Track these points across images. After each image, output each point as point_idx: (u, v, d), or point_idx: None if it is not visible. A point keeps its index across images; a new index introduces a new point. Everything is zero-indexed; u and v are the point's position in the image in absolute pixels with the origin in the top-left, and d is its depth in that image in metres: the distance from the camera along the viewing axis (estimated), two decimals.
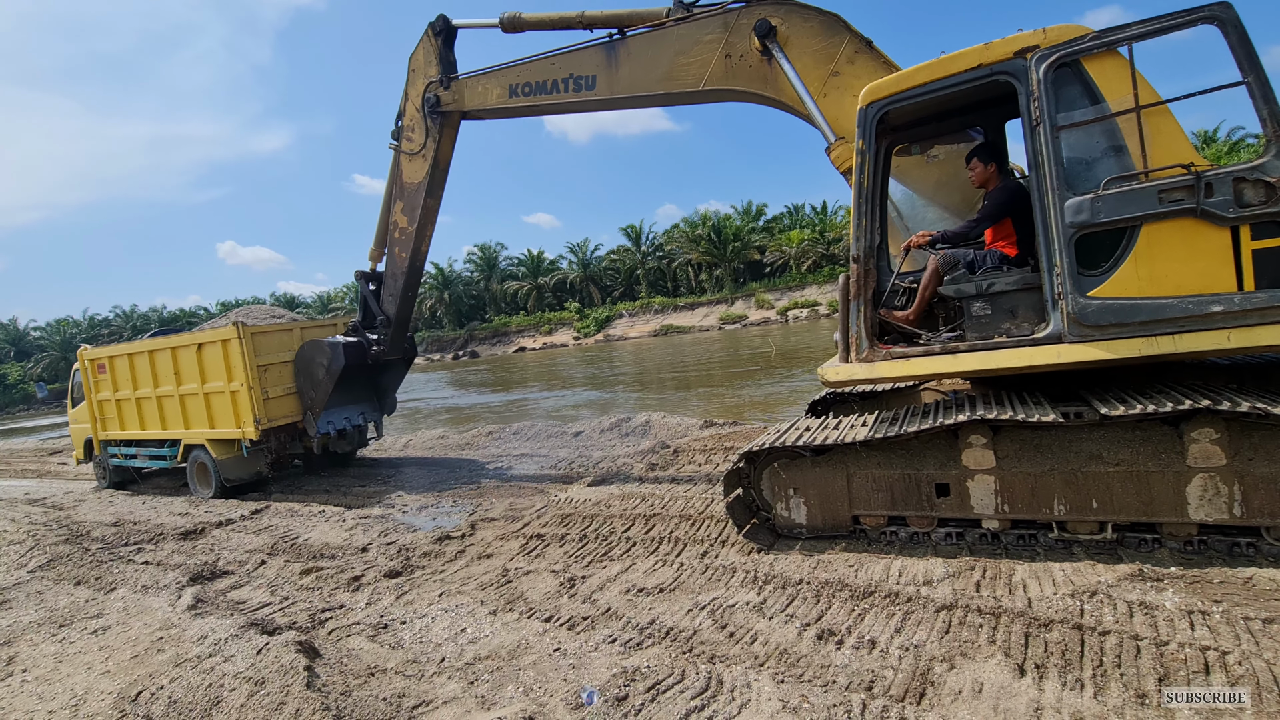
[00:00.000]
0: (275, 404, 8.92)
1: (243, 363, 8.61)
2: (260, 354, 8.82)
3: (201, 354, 9.06)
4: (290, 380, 9.15)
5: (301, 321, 9.79)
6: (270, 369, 8.92)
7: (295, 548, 6.28)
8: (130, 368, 9.94)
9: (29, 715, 3.52)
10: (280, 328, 9.28)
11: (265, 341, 8.95)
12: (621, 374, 27.04)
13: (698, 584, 4.33)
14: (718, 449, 8.09)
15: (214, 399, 9.06)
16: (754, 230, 59.99)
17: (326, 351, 8.61)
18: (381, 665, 3.66)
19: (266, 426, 8.77)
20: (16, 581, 5.79)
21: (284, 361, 9.06)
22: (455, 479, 8.67)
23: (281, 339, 9.17)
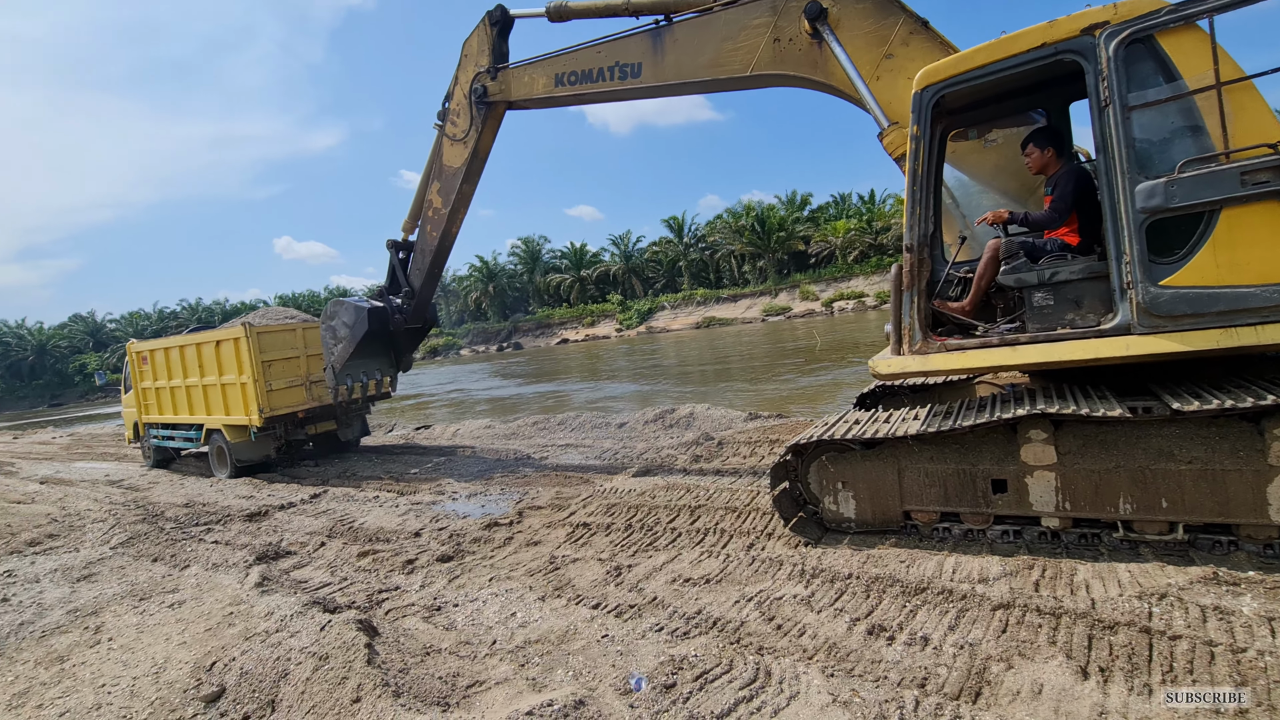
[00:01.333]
0: (279, 395, 10.00)
1: (250, 358, 9.69)
2: (265, 351, 9.86)
3: (219, 350, 10.18)
4: (293, 373, 10.25)
5: (305, 322, 10.86)
6: (274, 364, 9.98)
7: (352, 531, 6.53)
8: (166, 360, 11.19)
9: (116, 680, 3.78)
10: (284, 328, 10.33)
11: (270, 340, 9.98)
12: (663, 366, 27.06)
13: (744, 575, 4.32)
14: (762, 441, 8.03)
15: (228, 389, 10.16)
16: (798, 220, 58.99)
17: (352, 312, 8.97)
18: (436, 645, 3.78)
19: (270, 415, 9.87)
20: (101, 557, 6.20)
21: (287, 358, 10.16)
22: (502, 467, 8.86)
23: (285, 338, 10.21)
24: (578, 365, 35.15)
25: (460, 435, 11.90)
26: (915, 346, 4.46)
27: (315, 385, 10.48)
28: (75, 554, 6.50)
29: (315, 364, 10.51)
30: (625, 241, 69.04)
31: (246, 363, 9.73)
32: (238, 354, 9.86)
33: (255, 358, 9.71)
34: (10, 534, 7.59)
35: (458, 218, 8.43)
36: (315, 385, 10.48)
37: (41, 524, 7.99)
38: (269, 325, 10.23)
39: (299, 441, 10.99)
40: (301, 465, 10.77)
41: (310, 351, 10.52)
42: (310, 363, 10.51)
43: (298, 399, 10.24)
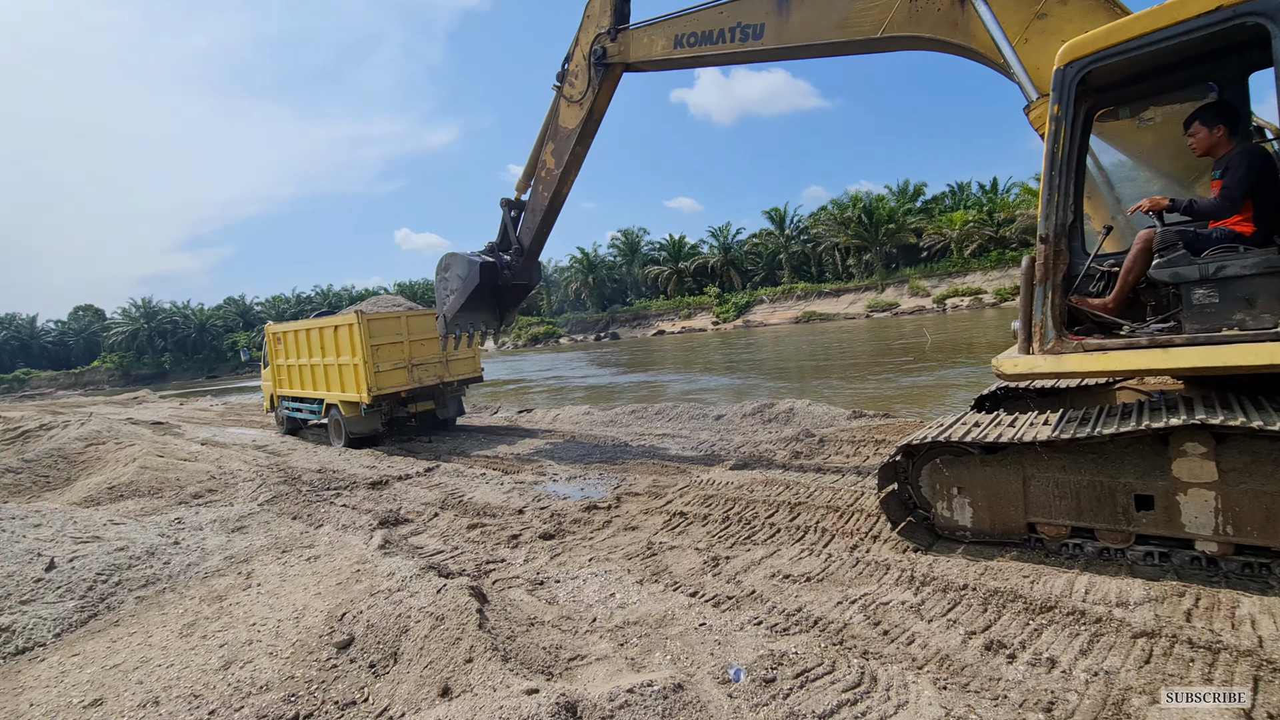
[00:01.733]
0: (385, 376, 10.86)
1: (361, 342, 10.63)
2: (374, 336, 10.77)
3: (336, 334, 11.28)
4: (398, 357, 11.08)
5: (410, 310, 11.75)
6: (382, 348, 10.85)
7: (462, 504, 6.93)
8: (295, 341, 12.58)
9: (264, 620, 4.24)
10: (391, 315, 11.24)
11: (379, 326, 10.89)
12: (759, 360, 26.59)
13: (847, 577, 4.19)
14: (867, 441, 7.71)
15: (344, 369, 11.19)
16: (910, 212, 55.84)
17: (464, 265, 9.34)
18: (540, 618, 3.95)
19: (377, 393, 10.76)
20: (250, 512, 6.96)
21: (393, 342, 11.03)
22: (600, 453, 9.07)
23: (392, 325, 11.10)
24: (672, 357, 35.27)
25: (560, 420, 12.30)
26: (1047, 346, 4.11)
27: (417, 368, 11.31)
28: (230, 508, 7.33)
29: (417, 349, 11.34)
30: (724, 233, 68.35)
31: (358, 346, 10.70)
32: (351, 338, 10.88)
33: (365, 342, 10.64)
34: (179, 486, 8.69)
35: (569, 179, 8.51)
36: (417, 368, 11.31)
37: (203, 480, 9.08)
38: (378, 313, 11.17)
39: (402, 419, 12.00)
40: (416, 440, 11.56)
41: (413, 337, 11.32)
42: (413, 347, 11.30)
43: (401, 380, 11.10)
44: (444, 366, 11.74)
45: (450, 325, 9.77)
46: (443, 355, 11.67)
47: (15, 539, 5.15)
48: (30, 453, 11.31)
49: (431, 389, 11.55)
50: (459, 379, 11.94)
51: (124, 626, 4.38)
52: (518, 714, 2.63)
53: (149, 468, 9.43)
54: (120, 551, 5.29)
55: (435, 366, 11.58)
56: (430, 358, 11.52)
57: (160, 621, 4.39)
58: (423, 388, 11.40)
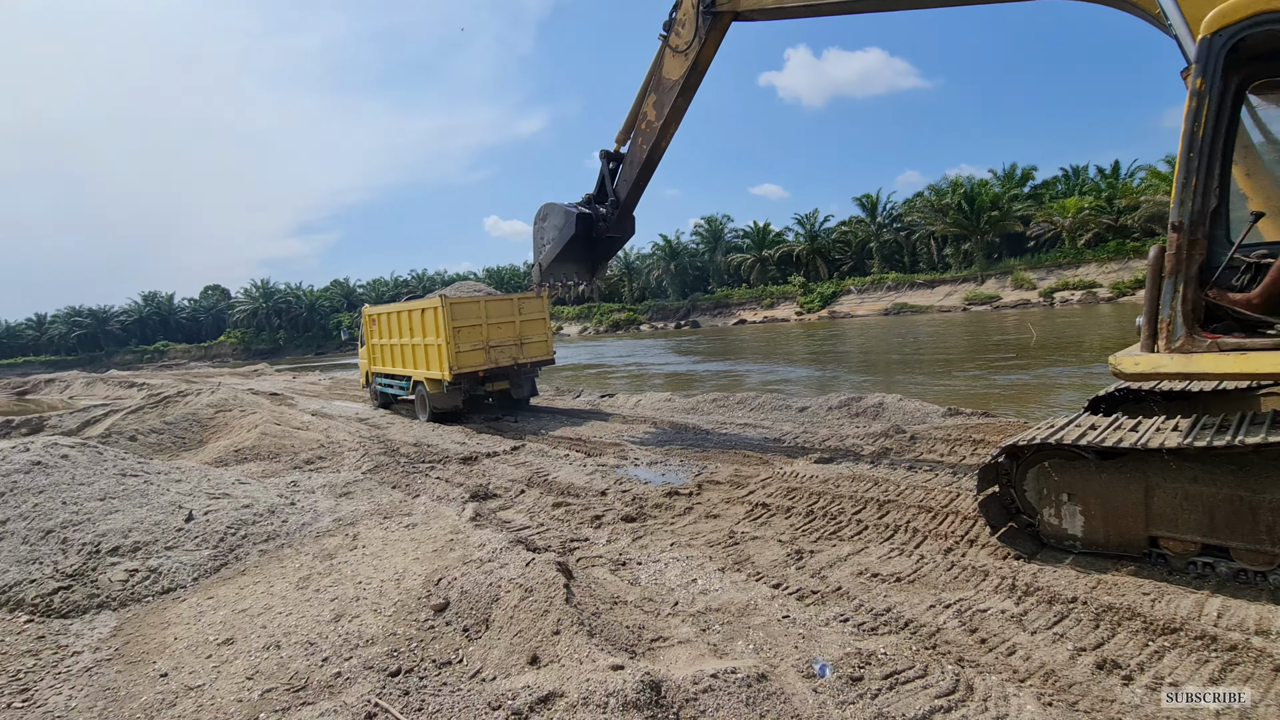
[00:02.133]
0: (465, 356, 11.58)
1: (445, 324, 11.37)
2: (456, 319, 11.51)
3: (423, 316, 12.09)
4: (477, 339, 11.76)
5: (489, 296, 12.66)
6: (462, 330, 11.57)
7: (547, 483, 7.16)
8: (387, 322, 13.58)
9: (368, 580, 4.56)
10: (471, 300, 12.05)
11: (460, 310, 11.64)
12: (844, 352, 25.73)
13: (941, 580, 4.01)
14: (963, 440, 7.32)
15: (429, 349, 11.96)
16: (1016, 198, 52.04)
17: (561, 215, 9.46)
18: (622, 597, 4.04)
19: (457, 372, 11.49)
20: (355, 479, 7.49)
21: (473, 325, 11.73)
22: (681, 440, 9.10)
23: (472, 309, 11.84)
24: (753, 347, 34.73)
25: (641, 406, 12.42)
26: (1175, 344, 3.75)
27: (493, 350, 11.99)
28: (337, 474, 7.91)
29: (495, 331, 12.02)
30: (811, 221, 66.25)
31: (442, 328, 11.44)
32: (436, 320, 11.63)
33: (448, 324, 11.39)
34: (294, 453, 9.47)
35: (668, 132, 8.38)
36: (493, 350, 11.99)
37: (313, 448, 9.85)
38: (460, 298, 12.01)
39: (480, 397, 12.90)
40: (503, 420, 12.01)
41: (491, 321, 11.98)
42: (490, 330, 11.96)
43: (479, 360, 11.79)
44: (518, 349, 12.31)
45: (544, 274, 9.92)
46: (517, 337, 12.30)
47: (161, 491, 5.79)
48: (170, 416, 12.66)
49: (506, 370, 12.24)
50: (532, 361, 12.58)
51: (249, 576, 4.84)
52: (604, 688, 2.70)
53: (268, 434, 10.33)
54: (246, 509, 5.84)
55: (510, 349, 12.20)
56: (506, 340, 12.13)
57: (280, 573, 4.82)
58: (499, 368, 12.06)
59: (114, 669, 3.61)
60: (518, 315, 12.38)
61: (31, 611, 4.33)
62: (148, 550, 4.99)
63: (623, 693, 2.67)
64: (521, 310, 12.47)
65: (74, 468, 5.67)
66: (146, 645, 3.87)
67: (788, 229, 70.50)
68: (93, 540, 4.95)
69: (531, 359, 12.55)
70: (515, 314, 12.37)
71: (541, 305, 12.90)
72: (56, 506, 5.18)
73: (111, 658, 3.74)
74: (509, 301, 12.46)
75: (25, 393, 36.83)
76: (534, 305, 12.72)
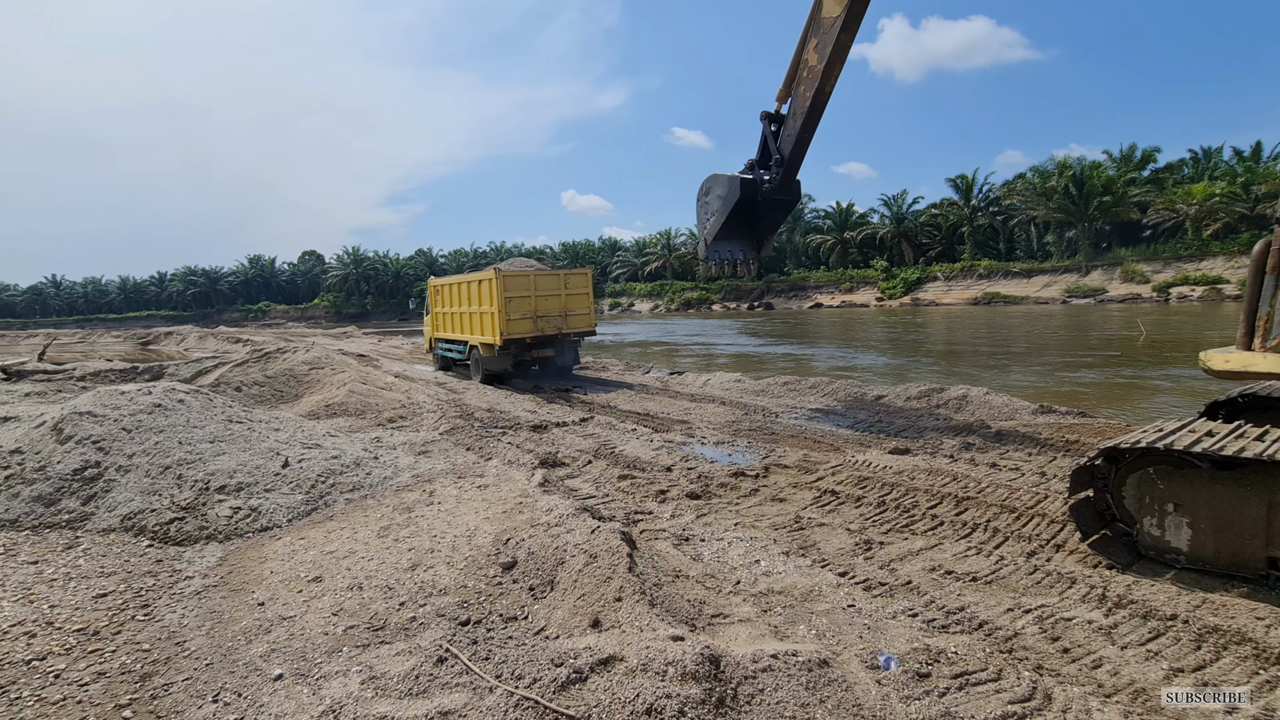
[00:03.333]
0: (514, 324, 12.74)
1: (497, 294, 12.54)
2: (507, 290, 12.64)
3: (479, 287, 13.32)
4: (525, 309, 12.84)
5: (538, 270, 13.68)
6: (513, 300, 12.71)
7: (613, 455, 7.27)
8: (449, 293, 15.00)
9: (442, 535, 4.81)
10: (521, 273, 13.18)
11: (511, 282, 12.76)
12: (925, 342, 24.59)
13: (1021, 583, 3.82)
14: (1055, 441, 6.88)
15: (484, 316, 13.20)
16: (1133, 182, 47.72)
17: (724, 183, 9.34)
18: (684, 572, 4.07)
19: (507, 337, 12.65)
20: (432, 439, 7.87)
21: (522, 296, 12.84)
22: (750, 422, 9.00)
23: (522, 281, 12.94)
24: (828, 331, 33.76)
25: (710, 386, 12.35)
26: (1271, 342, 3.36)
27: (540, 319, 13.07)
28: (416, 434, 8.33)
29: (542, 303, 13.12)
30: (899, 202, 63.20)
31: (495, 297, 12.60)
32: (490, 290, 12.77)
33: (500, 294, 12.55)
34: (378, 411, 10.03)
35: (833, 74, 8.01)
36: (540, 319, 13.07)
37: (395, 408, 10.39)
38: (512, 271, 13.26)
39: (527, 361, 13.92)
40: (573, 393, 12.25)
41: (538, 293, 13.09)
42: (538, 301, 13.07)
43: (527, 328, 12.92)
44: (563, 320, 13.39)
45: (710, 250, 9.73)
46: (563, 310, 13.37)
47: (262, 438, 6.28)
48: (270, 370, 13.67)
49: (552, 338, 13.35)
50: (575, 331, 13.64)
51: (336, 521, 5.20)
52: (663, 656, 2.74)
53: (355, 392, 10.98)
54: (335, 459, 6.25)
55: (556, 319, 13.29)
56: (552, 312, 13.23)
57: (363, 521, 5.15)
58: (545, 336, 13.17)
59: (219, 595, 3.98)
60: (563, 289, 13.46)
61: (151, 537, 4.83)
62: (249, 490, 5.44)
63: (682, 663, 2.70)
64: (567, 285, 13.53)
65: (189, 411, 6.23)
66: (246, 576, 4.24)
67: (873, 210, 67.68)
68: (203, 478, 5.45)
69: (575, 330, 13.62)
70: (561, 288, 13.45)
71: (585, 281, 13.94)
72: (173, 445, 5.72)
73: (217, 585, 4.13)
74: (556, 277, 13.57)
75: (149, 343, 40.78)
76: (579, 281, 13.77)
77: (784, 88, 8.66)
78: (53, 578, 4.09)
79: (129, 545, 4.69)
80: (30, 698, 2.88)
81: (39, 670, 3.10)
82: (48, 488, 5.08)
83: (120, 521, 4.93)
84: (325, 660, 3.13)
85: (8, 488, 5.06)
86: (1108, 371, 14.45)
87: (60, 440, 5.46)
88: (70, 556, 4.43)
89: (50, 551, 4.50)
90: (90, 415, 5.70)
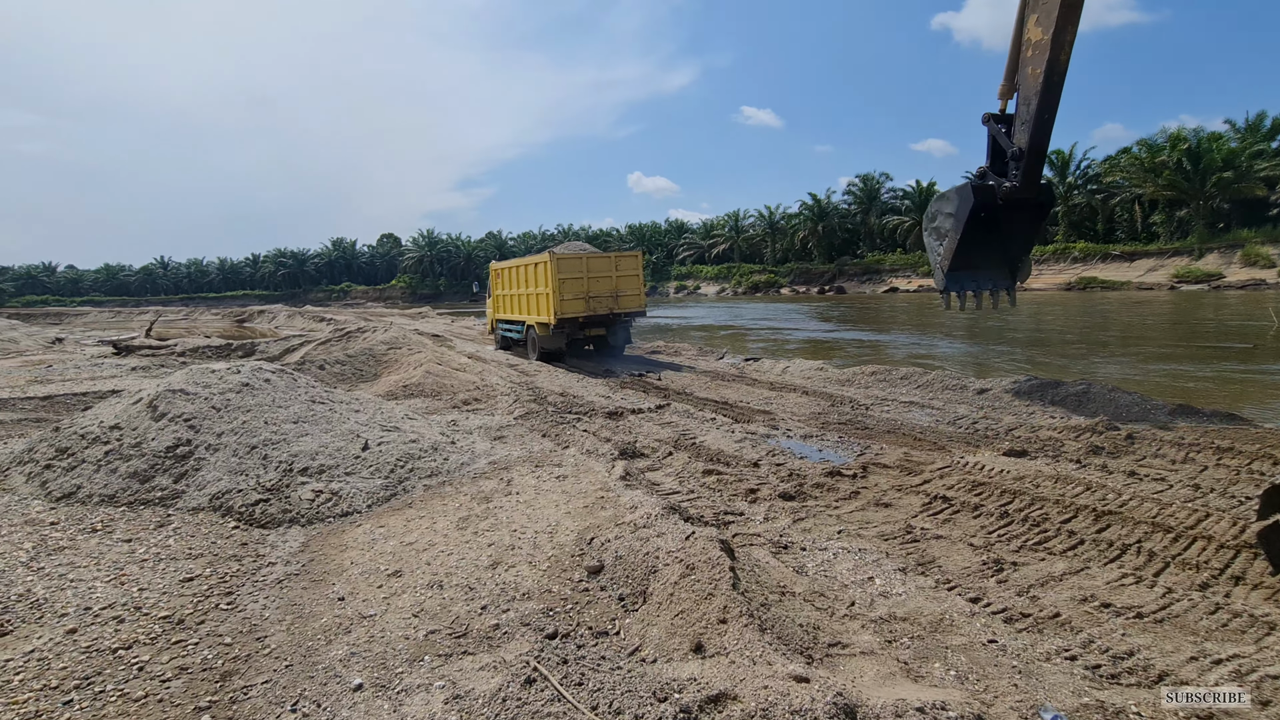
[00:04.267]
0: (567, 304, 13.34)
1: (551, 276, 13.14)
2: (561, 272, 13.21)
3: (535, 270, 14.01)
4: (578, 290, 13.39)
5: (590, 254, 14.08)
6: (566, 282, 13.29)
7: (695, 447, 6.87)
8: (508, 275, 15.75)
9: (522, 529, 4.55)
10: (575, 256, 13.71)
11: (565, 265, 13.33)
12: (1012, 329, 22.87)
13: (1201, 625, 3.18)
14: (1204, 446, 5.98)
15: (539, 297, 13.85)
16: (1260, 155, 42.82)
17: (953, 197, 8.05)
18: (789, 587, 3.63)
19: (560, 317, 13.25)
20: (508, 424, 7.69)
21: (575, 278, 13.40)
22: (838, 414, 8.40)
23: (575, 264, 13.50)
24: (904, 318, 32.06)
25: (790, 373, 11.73)
26: None
27: (592, 300, 13.60)
28: (492, 417, 8.18)
29: (594, 284, 13.62)
30: None
31: (549, 279, 13.20)
32: (546, 273, 13.37)
33: (554, 276, 13.13)
34: (453, 392, 10.00)
35: (1063, 41, 7.00)
36: (592, 300, 13.60)
37: (470, 389, 10.34)
38: (565, 254, 13.77)
39: (579, 341, 14.42)
40: (646, 377, 11.91)
41: (590, 275, 13.61)
42: (590, 283, 13.59)
43: (580, 309, 13.50)
44: (614, 300, 13.90)
45: (948, 280, 8.30)
46: (614, 290, 13.83)
47: (343, 419, 6.22)
48: (351, 350, 14.00)
49: (604, 318, 13.89)
50: (626, 312, 14.14)
51: (415, 509, 5.04)
52: (787, 702, 2.33)
53: (432, 373, 11.02)
54: (413, 443, 6.12)
55: (607, 300, 13.82)
56: (604, 293, 13.77)
57: (441, 510, 4.96)
58: (596, 316, 13.72)
59: (300, 585, 3.84)
60: (615, 271, 13.92)
61: (238, 519, 4.80)
62: (330, 474, 5.36)
63: (810, 712, 2.28)
64: (618, 267, 14.00)
65: (274, 391, 6.24)
66: (327, 565, 4.10)
67: None
68: (287, 459, 5.40)
69: (626, 310, 14.13)
70: (613, 270, 13.91)
71: (636, 263, 14.38)
72: (259, 425, 5.71)
73: (299, 573, 4.00)
74: (607, 258, 14.13)
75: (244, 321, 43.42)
76: (629, 262, 14.24)
77: (1005, 83, 7.66)
78: (144, 558, 4.08)
79: (216, 526, 4.66)
80: (113, 693, 2.77)
81: (124, 661, 3.00)
82: (143, 464, 5.14)
83: (209, 500, 4.93)
84: (406, 670, 2.89)
85: (107, 463, 5.16)
86: (1236, 365, 12.86)
87: (155, 417, 5.54)
88: (161, 535, 4.43)
89: (143, 529, 4.52)
90: (183, 393, 5.76)
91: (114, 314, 55.15)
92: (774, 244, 74.08)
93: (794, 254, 72.49)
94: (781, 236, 73.88)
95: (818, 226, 68.77)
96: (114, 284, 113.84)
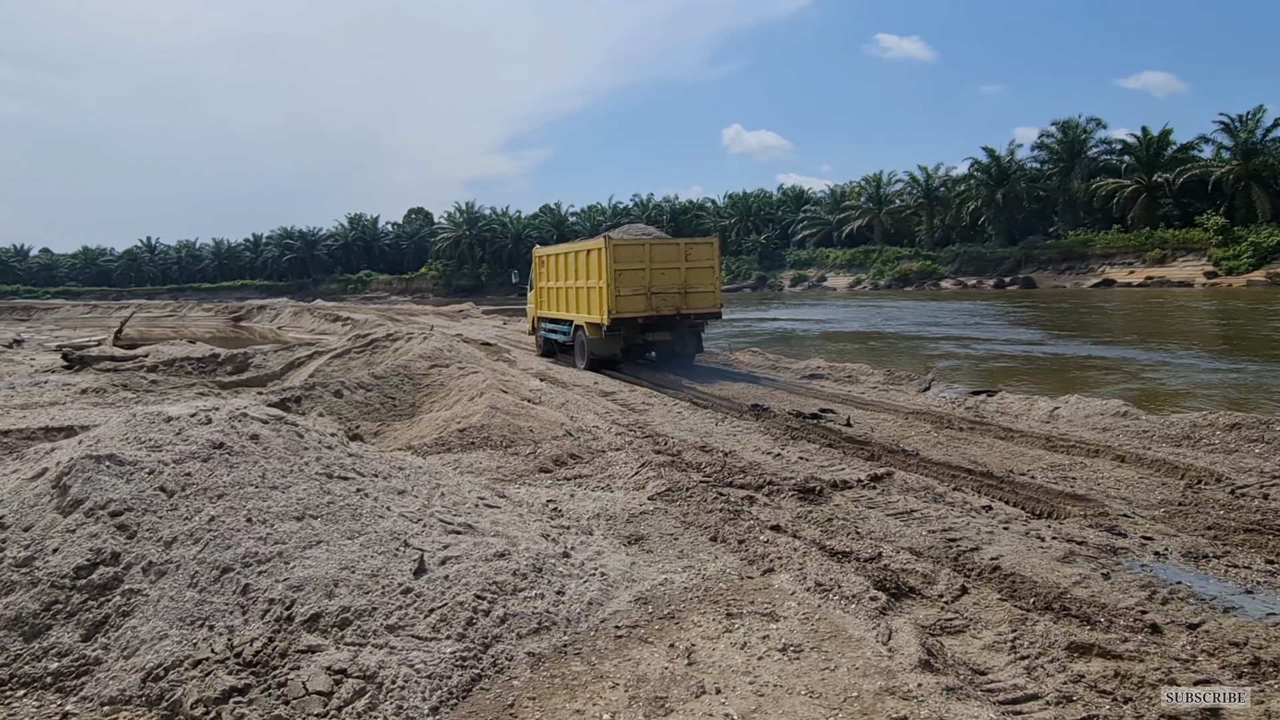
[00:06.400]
0: (625, 301, 13.64)
1: (607, 266, 13.43)
2: (618, 261, 13.54)
3: (588, 258, 14.32)
4: (639, 284, 13.79)
5: (656, 239, 14.56)
6: (624, 274, 13.64)
7: (995, 574, 4.87)
8: (554, 264, 15.97)
9: None
10: (636, 242, 14.14)
11: (624, 252, 13.72)
12: None
13: None
14: None
15: (591, 292, 14.16)
16: None
17: None
18: None
19: (616, 316, 13.53)
20: (642, 509, 5.90)
21: (635, 269, 13.80)
22: (1215, 503, 6.16)
23: (636, 252, 13.89)
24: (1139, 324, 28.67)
25: (1065, 420, 9.40)
26: None
27: (655, 296, 13.89)
28: (609, 494, 6.47)
29: (658, 277, 13.93)
30: (1249, 126, 53.71)
31: (604, 270, 13.47)
32: (599, 262, 13.66)
33: (610, 266, 13.40)
34: (534, 441, 8.38)
35: None
36: (655, 296, 13.89)
37: (558, 435, 8.72)
38: (624, 240, 14.22)
39: (639, 346, 14.78)
40: (824, 418, 9.93)
41: (654, 265, 13.92)
42: (653, 275, 13.88)
43: (640, 306, 13.80)
44: (682, 298, 14.09)
45: None
46: (682, 285, 14.08)
47: (379, 513, 4.61)
48: (378, 367, 12.83)
49: (669, 319, 14.16)
50: (696, 312, 14.34)
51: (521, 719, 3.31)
52: None
53: (498, 408, 9.48)
54: (500, 560, 4.43)
55: (674, 297, 14.02)
56: (670, 288, 13.99)
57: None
58: (660, 316, 13.99)
59: None
60: (683, 261, 14.18)
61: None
62: (360, 628, 3.72)
63: None
64: (688, 256, 14.22)
65: (266, 457, 4.71)
66: None
67: (1203, 139, 58.26)
68: (283, 594, 3.82)
69: (696, 309, 14.31)
70: (681, 260, 14.18)
71: (711, 252, 14.62)
72: (239, 524, 4.18)
73: None
74: (675, 246, 14.47)
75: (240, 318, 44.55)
76: (702, 251, 14.50)
77: None
78: None
79: None
80: None
81: None
82: (31, 603, 3.66)
83: (139, 684, 3.39)
84: None
85: None
86: None
87: (63, 508, 4.08)
88: None
89: None
90: (113, 463, 4.30)
91: (90, 308, 58.19)
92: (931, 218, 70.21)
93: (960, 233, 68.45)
94: (942, 209, 69.90)
95: (995, 195, 64.39)
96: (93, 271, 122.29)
